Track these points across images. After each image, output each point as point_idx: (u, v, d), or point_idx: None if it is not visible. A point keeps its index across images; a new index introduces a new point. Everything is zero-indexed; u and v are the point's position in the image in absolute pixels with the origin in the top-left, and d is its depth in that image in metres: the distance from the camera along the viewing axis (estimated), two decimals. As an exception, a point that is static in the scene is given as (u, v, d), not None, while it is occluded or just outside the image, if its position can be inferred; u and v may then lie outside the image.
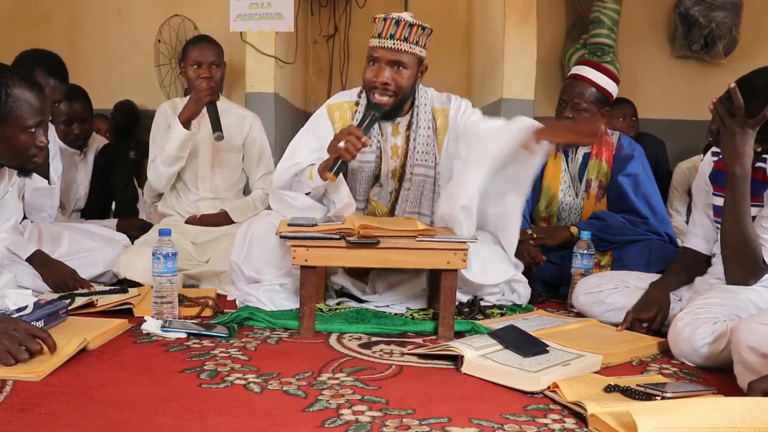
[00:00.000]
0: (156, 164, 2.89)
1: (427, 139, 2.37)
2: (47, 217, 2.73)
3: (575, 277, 2.44)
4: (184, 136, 2.80)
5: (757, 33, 4.67)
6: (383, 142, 2.40)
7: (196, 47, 2.91)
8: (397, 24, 2.20)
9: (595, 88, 2.68)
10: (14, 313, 1.80)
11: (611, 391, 1.52)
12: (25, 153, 1.94)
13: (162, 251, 2.06)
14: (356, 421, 1.37)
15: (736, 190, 1.90)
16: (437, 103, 2.45)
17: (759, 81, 1.89)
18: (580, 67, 2.76)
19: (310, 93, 4.62)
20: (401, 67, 2.23)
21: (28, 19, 4.55)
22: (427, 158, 2.38)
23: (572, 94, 2.69)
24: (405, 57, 2.22)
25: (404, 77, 2.24)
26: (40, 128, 1.93)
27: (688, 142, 4.53)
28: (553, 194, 2.85)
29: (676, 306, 2.14)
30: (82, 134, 3.07)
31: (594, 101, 2.69)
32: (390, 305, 2.32)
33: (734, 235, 1.92)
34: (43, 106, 1.92)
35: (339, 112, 2.43)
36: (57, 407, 1.39)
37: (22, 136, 1.90)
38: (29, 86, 1.89)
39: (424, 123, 2.37)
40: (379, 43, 2.23)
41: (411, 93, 2.33)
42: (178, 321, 2.02)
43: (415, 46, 2.23)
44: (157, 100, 3.71)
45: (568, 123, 2.48)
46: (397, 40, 2.20)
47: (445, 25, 4.66)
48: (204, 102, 2.76)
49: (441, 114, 2.42)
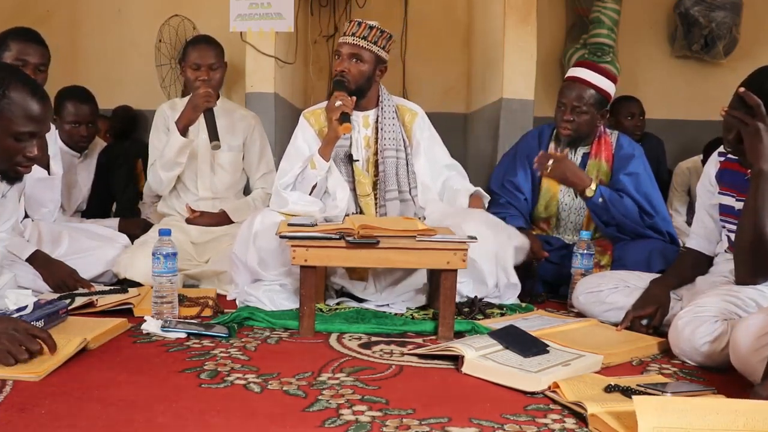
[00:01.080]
0: (155, 168, 2.90)
1: (393, 128, 2.60)
2: (48, 214, 2.70)
3: (575, 276, 2.44)
4: (182, 144, 2.80)
5: (757, 33, 4.67)
6: (355, 133, 2.57)
7: (195, 48, 2.89)
8: (359, 25, 2.51)
9: (593, 89, 2.68)
10: (14, 313, 1.80)
11: (611, 391, 1.52)
12: (8, 158, 1.86)
13: (162, 251, 2.06)
14: (356, 421, 1.38)
15: (762, 187, 1.85)
16: (406, 104, 2.74)
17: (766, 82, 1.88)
18: (577, 69, 2.76)
19: (310, 93, 4.61)
20: (358, 60, 2.50)
21: (28, 19, 4.52)
22: (395, 143, 2.59)
23: (571, 97, 2.69)
24: (362, 52, 2.49)
25: (360, 69, 2.50)
26: (33, 139, 1.85)
27: (688, 142, 4.53)
28: (552, 195, 2.85)
29: (676, 306, 2.14)
30: (87, 136, 3.09)
31: (593, 103, 2.69)
32: (390, 305, 2.32)
33: (752, 232, 1.88)
34: (40, 117, 1.84)
35: (314, 118, 2.64)
36: (57, 407, 1.39)
37: (8, 140, 1.82)
38: (30, 94, 1.83)
39: (389, 114, 2.61)
40: (343, 40, 2.53)
41: (369, 85, 2.55)
42: (178, 321, 2.02)
43: (372, 45, 2.50)
44: (157, 101, 3.71)
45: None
46: (356, 37, 2.49)
47: (445, 25, 4.67)
48: (201, 109, 2.75)
49: (408, 112, 2.69)
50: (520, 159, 2.91)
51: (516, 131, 3.40)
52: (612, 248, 2.69)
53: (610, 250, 2.68)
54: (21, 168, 1.89)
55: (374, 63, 2.51)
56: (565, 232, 2.89)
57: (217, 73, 2.90)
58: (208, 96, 2.75)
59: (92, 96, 3.10)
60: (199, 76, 2.84)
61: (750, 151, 1.88)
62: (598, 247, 2.66)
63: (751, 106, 1.85)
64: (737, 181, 2.05)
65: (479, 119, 4.14)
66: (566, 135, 2.74)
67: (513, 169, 2.91)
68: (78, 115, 3.01)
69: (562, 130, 2.75)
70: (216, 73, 2.89)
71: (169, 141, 2.82)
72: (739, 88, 1.90)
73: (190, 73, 2.88)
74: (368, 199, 2.56)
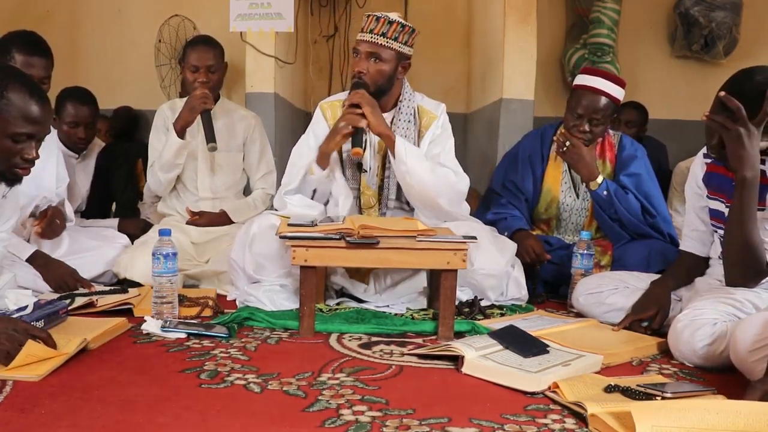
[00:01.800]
0: (154, 169, 2.90)
1: (406, 132, 2.48)
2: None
3: (575, 277, 2.44)
4: (179, 145, 2.80)
5: (757, 33, 4.67)
6: (370, 136, 2.46)
7: (194, 50, 2.89)
8: (377, 20, 2.37)
9: (608, 98, 2.66)
10: (14, 313, 1.80)
11: (611, 392, 1.52)
12: (5, 160, 1.84)
13: (162, 251, 2.06)
14: (356, 421, 1.37)
15: (745, 195, 1.83)
16: (428, 105, 2.57)
17: (746, 84, 1.84)
18: (590, 77, 2.70)
19: (310, 93, 4.61)
20: (378, 60, 2.38)
21: (28, 19, 4.53)
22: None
23: (589, 110, 2.65)
24: (382, 50, 2.37)
25: (380, 68, 2.38)
26: (31, 141, 1.84)
27: (688, 142, 4.52)
28: (553, 197, 2.85)
29: (676, 306, 2.14)
30: (85, 138, 3.08)
31: (608, 113, 2.69)
32: (390, 305, 2.32)
33: (739, 238, 1.87)
34: (39, 120, 1.83)
35: (331, 110, 2.55)
36: (57, 407, 1.39)
37: (6, 141, 1.81)
38: (30, 95, 1.81)
39: (405, 117, 2.49)
40: (361, 37, 2.40)
41: (389, 84, 2.44)
42: (178, 321, 2.02)
43: (393, 41, 2.37)
44: (157, 101, 3.71)
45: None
46: (375, 34, 2.36)
47: (445, 25, 4.67)
48: (198, 111, 2.75)
49: (428, 115, 2.54)
50: (521, 159, 2.90)
51: (516, 131, 3.40)
52: (612, 248, 2.69)
53: (611, 251, 2.68)
54: (18, 170, 1.88)
55: (396, 61, 2.40)
56: (566, 233, 2.89)
57: (216, 75, 2.90)
58: (205, 98, 2.75)
59: (93, 97, 3.10)
60: (197, 78, 2.84)
61: (732, 158, 1.83)
62: (598, 247, 2.66)
63: (732, 110, 1.80)
64: (725, 185, 2.01)
65: (479, 119, 4.14)
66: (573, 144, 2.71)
67: (514, 169, 2.91)
68: (77, 116, 3.01)
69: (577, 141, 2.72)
70: (215, 74, 2.89)
71: (167, 142, 2.82)
72: (719, 92, 1.85)
73: (188, 74, 2.88)
74: (371, 210, 2.52)
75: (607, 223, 2.70)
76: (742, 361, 1.63)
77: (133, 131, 4.48)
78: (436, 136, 2.53)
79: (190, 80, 2.87)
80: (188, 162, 2.92)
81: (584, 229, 2.76)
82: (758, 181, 1.84)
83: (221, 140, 2.85)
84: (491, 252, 2.36)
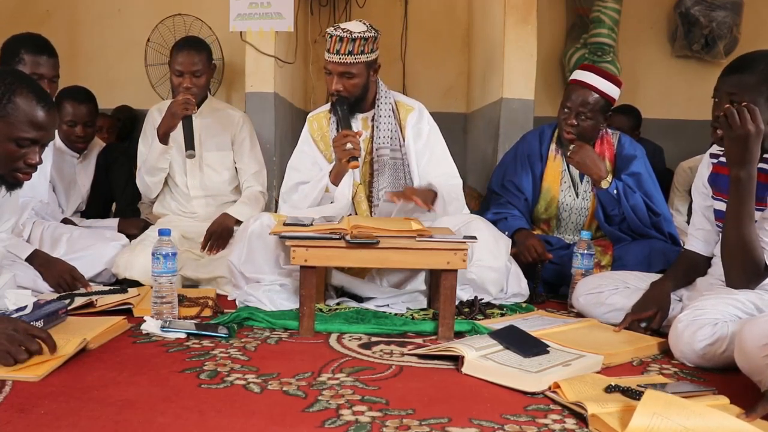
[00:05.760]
0: (141, 173, 2.92)
1: (389, 125, 2.58)
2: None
3: (575, 277, 2.44)
4: (161, 150, 2.82)
5: (758, 33, 4.67)
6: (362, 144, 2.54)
7: (180, 53, 2.87)
8: (341, 41, 2.42)
9: (598, 94, 2.67)
10: (14, 313, 1.80)
11: (612, 392, 1.52)
12: (8, 163, 1.84)
13: (162, 251, 2.06)
14: (356, 421, 1.37)
15: (740, 195, 1.84)
16: (404, 100, 2.69)
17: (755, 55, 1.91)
18: (582, 72, 2.74)
19: (310, 93, 4.61)
20: (350, 77, 2.47)
21: (28, 19, 4.54)
22: (391, 142, 2.56)
23: (576, 102, 2.69)
24: (352, 68, 2.46)
25: (354, 83, 2.49)
26: (35, 146, 1.84)
27: (688, 142, 4.52)
28: (553, 196, 2.85)
29: (676, 307, 2.14)
30: (84, 137, 3.07)
31: (598, 109, 2.70)
32: (390, 305, 2.32)
33: (736, 239, 1.87)
34: (44, 125, 1.83)
35: (317, 123, 2.66)
36: (57, 407, 1.39)
37: (10, 145, 1.81)
38: (36, 101, 1.81)
39: (385, 112, 2.58)
40: (329, 58, 2.47)
41: (365, 90, 2.54)
42: (177, 321, 2.02)
43: (360, 55, 2.45)
44: (157, 101, 3.71)
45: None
46: (342, 54, 2.43)
47: (445, 25, 4.67)
48: (180, 116, 2.74)
49: (404, 107, 2.64)
50: (520, 159, 2.91)
51: (516, 131, 3.40)
52: (612, 248, 2.69)
53: (611, 250, 2.68)
54: (20, 174, 1.88)
55: (366, 70, 2.49)
56: (566, 233, 2.89)
57: (202, 80, 2.89)
58: (187, 104, 2.73)
59: (93, 97, 3.10)
60: (182, 82, 2.84)
61: (728, 153, 1.85)
62: (599, 247, 2.66)
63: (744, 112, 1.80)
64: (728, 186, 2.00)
65: (479, 119, 4.14)
66: (569, 139, 2.73)
67: (514, 169, 2.91)
68: (75, 115, 3.01)
69: (565, 134, 2.74)
70: (200, 79, 2.88)
71: (151, 147, 2.84)
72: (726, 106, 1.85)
73: (174, 78, 2.88)
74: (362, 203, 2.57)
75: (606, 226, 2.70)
76: (750, 359, 1.58)
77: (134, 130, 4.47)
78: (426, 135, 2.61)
79: (175, 84, 2.87)
80: (178, 162, 2.92)
81: (584, 228, 2.76)
82: (754, 182, 1.84)
83: (209, 139, 2.85)
84: (489, 244, 2.37)
